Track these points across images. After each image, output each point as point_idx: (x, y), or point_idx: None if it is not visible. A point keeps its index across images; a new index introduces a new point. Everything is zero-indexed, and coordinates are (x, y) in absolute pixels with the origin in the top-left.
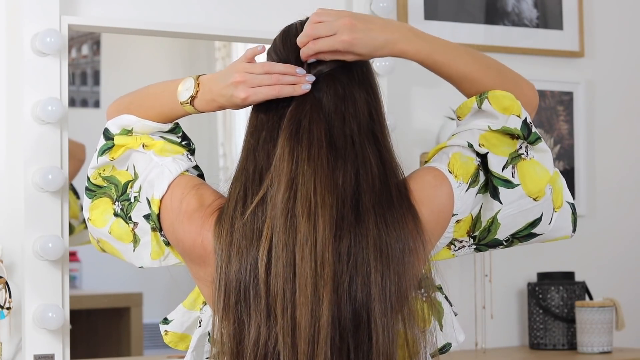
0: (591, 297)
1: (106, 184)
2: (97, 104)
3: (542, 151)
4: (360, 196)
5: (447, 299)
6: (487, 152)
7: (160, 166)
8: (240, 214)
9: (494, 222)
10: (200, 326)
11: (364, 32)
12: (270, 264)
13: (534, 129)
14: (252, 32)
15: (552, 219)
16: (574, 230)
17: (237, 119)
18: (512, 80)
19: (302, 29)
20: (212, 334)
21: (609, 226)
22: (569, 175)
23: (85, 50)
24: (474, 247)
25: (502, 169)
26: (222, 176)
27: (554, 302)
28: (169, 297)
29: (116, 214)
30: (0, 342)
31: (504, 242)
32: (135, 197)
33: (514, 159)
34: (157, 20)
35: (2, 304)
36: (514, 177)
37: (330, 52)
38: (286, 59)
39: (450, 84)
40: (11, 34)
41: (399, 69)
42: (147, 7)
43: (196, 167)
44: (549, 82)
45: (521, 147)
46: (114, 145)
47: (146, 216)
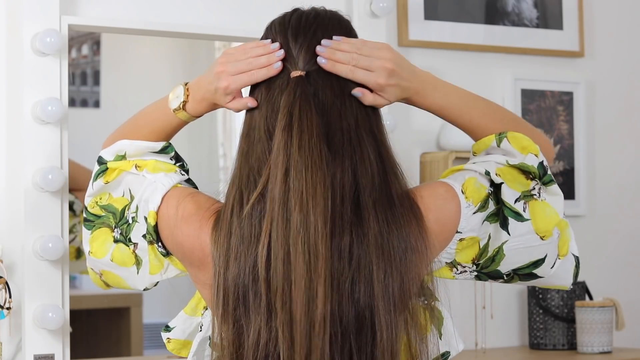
0: (591, 297)
1: (104, 213)
2: (97, 104)
3: (555, 194)
4: (359, 193)
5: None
6: (502, 183)
7: (153, 183)
8: (237, 218)
9: (499, 252)
10: (201, 330)
11: (398, 80)
12: (269, 259)
13: (549, 172)
14: (252, 32)
15: (554, 264)
16: (574, 282)
17: (237, 119)
18: (527, 128)
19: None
20: (212, 338)
21: (609, 226)
22: (568, 175)
23: (85, 50)
24: (475, 273)
25: (515, 202)
26: (222, 176)
27: (554, 302)
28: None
29: (116, 240)
30: (0, 342)
31: (505, 275)
32: (132, 217)
33: (526, 197)
34: (157, 20)
35: (2, 304)
36: (524, 211)
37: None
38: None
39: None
40: (11, 34)
41: None
42: (147, 7)
43: (188, 181)
44: (549, 82)
45: (534, 188)
46: (107, 168)
47: (144, 235)
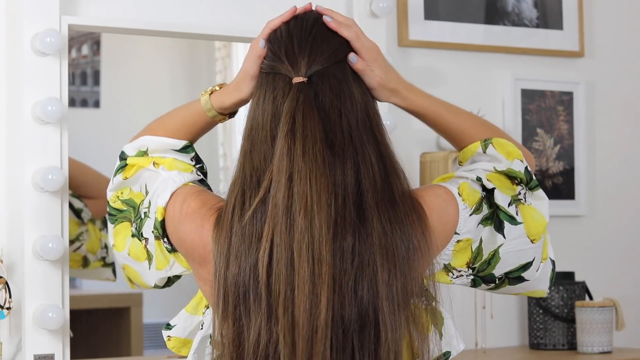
0: (591, 297)
1: (125, 207)
2: (97, 104)
3: (540, 199)
4: (362, 193)
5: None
6: (494, 188)
7: (166, 180)
8: (238, 218)
9: (495, 255)
10: (202, 329)
11: (385, 63)
12: (271, 265)
13: (534, 177)
14: (252, 32)
15: (539, 268)
16: (550, 287)
17: (237, 119)
18: (508, 137)
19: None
20: (213, 336)
21: (609, 226)
22: (568, 175)
23: (85, 50)
24: (472, 277)
25: (508, 206)
26: (222, 176)
27: (554, 302)
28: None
29: (133, 235)
30: (0, 342)
31: (497, 279)
32: (145, 212)
33: (515, 201)
34: (157, 20)
35: (2, 304)
36: (517, 215)
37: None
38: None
39: (450, 85)
40: (11, 34)
41: (398, 68)
42: (147, 7)
43: (203, 182)
44: (549, 82)
45: (520, 193)
46: (126, 164)
47: (153, 230)
